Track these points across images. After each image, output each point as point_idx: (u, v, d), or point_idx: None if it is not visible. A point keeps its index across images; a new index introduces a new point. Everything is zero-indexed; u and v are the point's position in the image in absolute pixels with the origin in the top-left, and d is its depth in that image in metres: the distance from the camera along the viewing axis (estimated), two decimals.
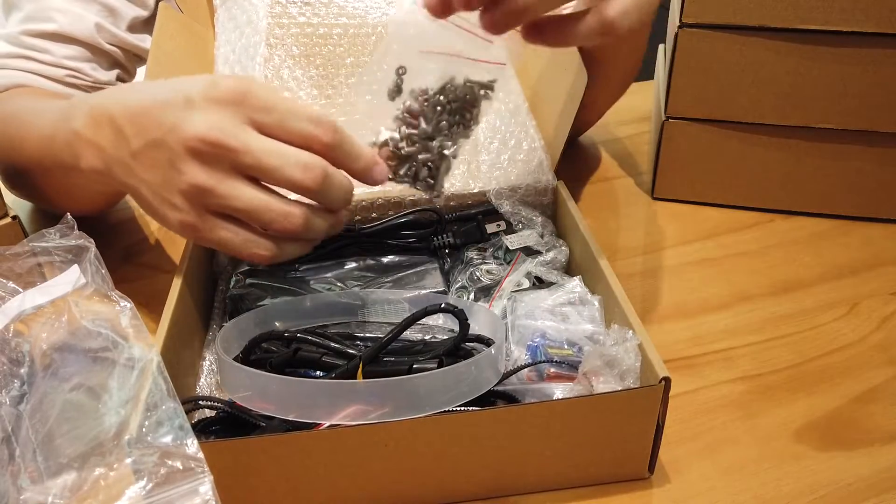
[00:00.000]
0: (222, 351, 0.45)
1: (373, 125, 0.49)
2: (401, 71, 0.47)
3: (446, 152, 0.48)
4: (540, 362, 0.47)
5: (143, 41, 0.71)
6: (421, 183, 0.48)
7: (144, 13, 0.71)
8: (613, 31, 0.43)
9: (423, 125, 0.47)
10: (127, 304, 0.43)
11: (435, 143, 0.47)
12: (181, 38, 0.64)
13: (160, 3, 0.66)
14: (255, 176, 0.43)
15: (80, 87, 0.67)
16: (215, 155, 0.41)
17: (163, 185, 0.43)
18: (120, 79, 0.71)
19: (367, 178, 0.46)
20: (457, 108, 0.47)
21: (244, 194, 0.42)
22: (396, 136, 0.47)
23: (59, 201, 0.50)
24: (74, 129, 0.47)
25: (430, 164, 0.47)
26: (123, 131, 0.44)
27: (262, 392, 0.42)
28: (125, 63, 0.71)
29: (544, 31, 0.45)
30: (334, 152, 0.44)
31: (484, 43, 0.47)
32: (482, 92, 0.48)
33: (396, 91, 0.48)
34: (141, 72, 0.75)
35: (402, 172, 0.48)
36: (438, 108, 0.47)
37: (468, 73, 0.47)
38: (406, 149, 0.47)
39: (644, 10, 0.44)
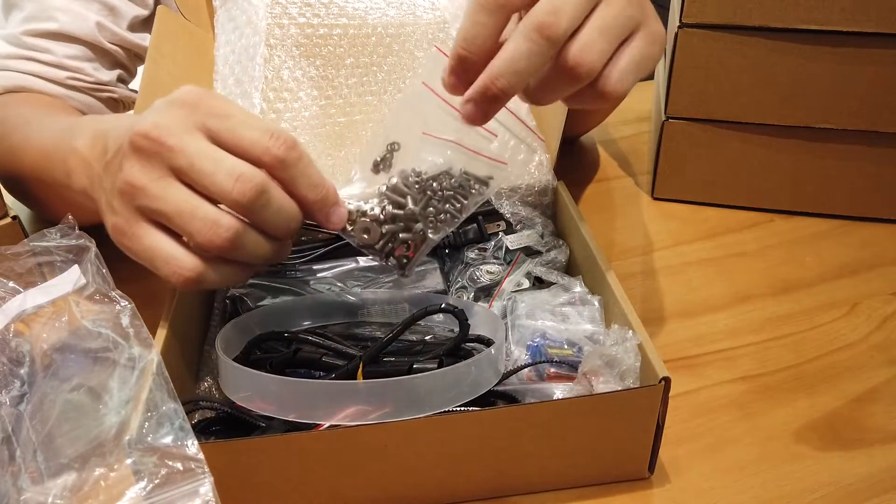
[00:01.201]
0: (222, 351, 0.45)
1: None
2: (394, 147, 0.46)
3: (431, 235, 0.46)
4: (540, 362, 0.47)
5: (143, 40, 0.71)
6: (394, 260, 0.47)
7: (145, 12, 0.71)
8: (611, 100, 0.42)
9: (411, 205, 0.45)
10: (127, 304, 0.43)
11: (418, 226, 0.46)
12: (180, 40, 0.64)
13: (158, 5, 0.66)
14: (187, 181, 0.39)
15: (82, 90, 0.67)
16: (154, 152, 0.39)
17: (111, 188, 0.41)
18: (121, 79, 0.71)
19: (320, 214, 0.42)
20: (448, 197, 0.46)
21: (172, 195, 0.39)
22: (377, 210, 0.46)
23: (55, 214, 0.50)
24: (73, 147, 0.46)
25: (408, 243, 0.46)
26: (108, 147, 0.43)
27: (262, 393, 0.42)
28: (126, 63, 0.71)
29: (536, 96, 0.43)
30: (286, 171, 0.40)
31: (489, 136, 0.47)
32: (476, 187, 0.47)
33: (384, 165, 0.47)
34: (141, 71, 0.75)
35: (377, 246, 0.46)
36: (429, 192, 0.46)
37: (466, 165, 0.47)
38: (387, 226, 0.46)
39: (644, 69, 0.42)
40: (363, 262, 0.54)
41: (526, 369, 0.47)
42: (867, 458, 0.47)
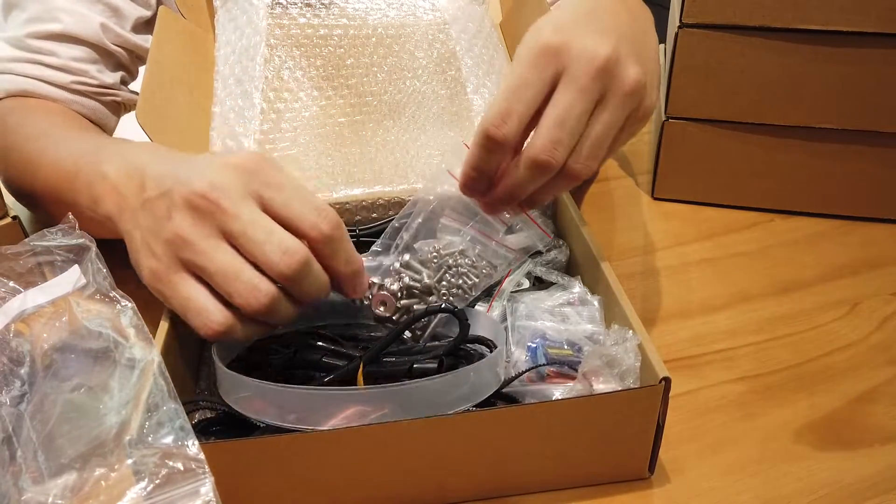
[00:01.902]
0: (217, 358, 0.45)
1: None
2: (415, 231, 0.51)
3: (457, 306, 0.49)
4: (540, 366, 0.47)
5: (146, 42, 0.71)
6: (408, 332, 0.50)
7: (148, 13, 0.71)
8: (581, 179, 0.45)
9: (426, 279, 0.49)
10: (128, 304, 0.43)
11: (432, 299, 0.50)
12: (181, 41, 0.64)
13: (160, 6, 0.66)
14: (236, 245, 0.41)
15: (86, 94, 0.67)
16: (209, 212, 0.41)
17: (152, 231, 0.43)
18: (123, 81, 0.71)
19: (347, 284, 0.45)
20: (462, 274, 0.50)
21: (220, 255, 0.41)
22: (395, 286, 0.50)
23: (58, 221, 0.50)
24: (104, 173, 0.47)
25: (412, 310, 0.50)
26: (146, 184, 0.44)
27: (260, 397, 0.42)
28: (128, 64, 0.71)
29: (536, 201, 0.48)
30: (329, 246, 0.43)
31: (501, 225, 0.53)
32: (487, 269, 0.51)
33: (403, 247, 0.51)
34: (142, 72, 0.75)
35: (393, 318, 0.50)
36: (445, 267, 0.50)
37: (481, 251, 0.51)
38: (403, 301, 0.50)
39: (629, 140, 0.47)
40: (363, 262, 0.54)
41: (526, 372, 0.47)
42: (867, 458, 0.47)
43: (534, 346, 0.48)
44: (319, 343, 0.47)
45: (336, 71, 0.65)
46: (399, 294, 0.50)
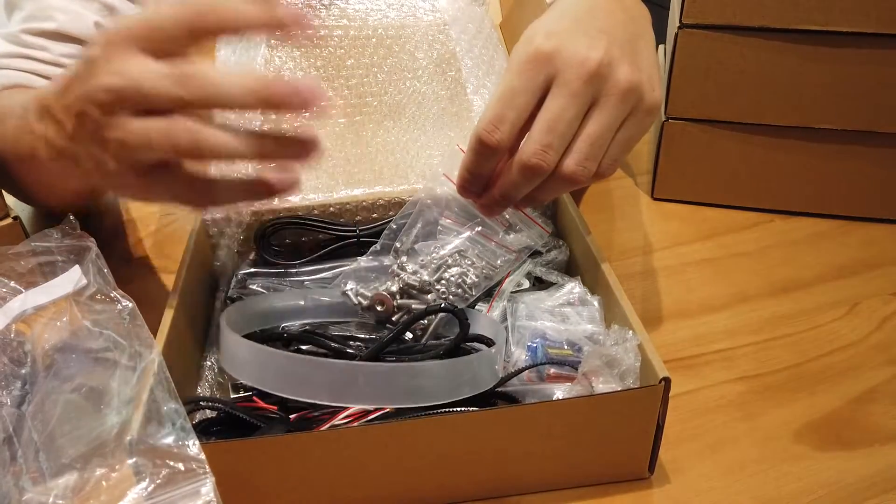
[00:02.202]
0: (226, 327, 0.44)
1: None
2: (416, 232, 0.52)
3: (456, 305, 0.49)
4: (540, 364, 0.47)
5: None
6: (409, 333, 0.50)
7: None
8: (580, 180, 0.45)
9: (425, 276, 0.50)
10: (128, 304, 0.44)
11: (430, 297, 0.50)
12: None
13: None
14: (135, 108, 0.39)
15: None
16: (117, 104, 0.39)
17: (86, 136, 0.40)
18: None
19: (263, 21, 0.39)
20: (461, 273, 0.51)
21: (130, 124, 0.39)
22: (394, 288, 0.51)
23: (39, 196, 0.49)
24: (31, 126, 0.45)
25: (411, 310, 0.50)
26: (58, 118, 0.42)
27: (264, 369, 0.42)
28: None
29: (534, 201, 0.48)
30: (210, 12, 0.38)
31: (500, 226, 0.53)
32: (485, 271, 0.51)
33: (403, 248, 0.52)
34: None
35: (393, 318, 0.51)
36: (443, 268, 0.50)
37: (481, 252, 0.52)
38: (401, 300, 0.50)
39: (634, 145, 0.46)
40: (364, 262, 0.55)
41: (526, 370, 0.47)
42: (867, 458, 0.47)
43: (534, 345, 0.48)
44: (319, 342, 0.47)
45: (336, 72, 0.65)
46: (398, 294, 0.50)
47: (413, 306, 0.50)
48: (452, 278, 0.50)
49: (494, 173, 0.46)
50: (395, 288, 0.50)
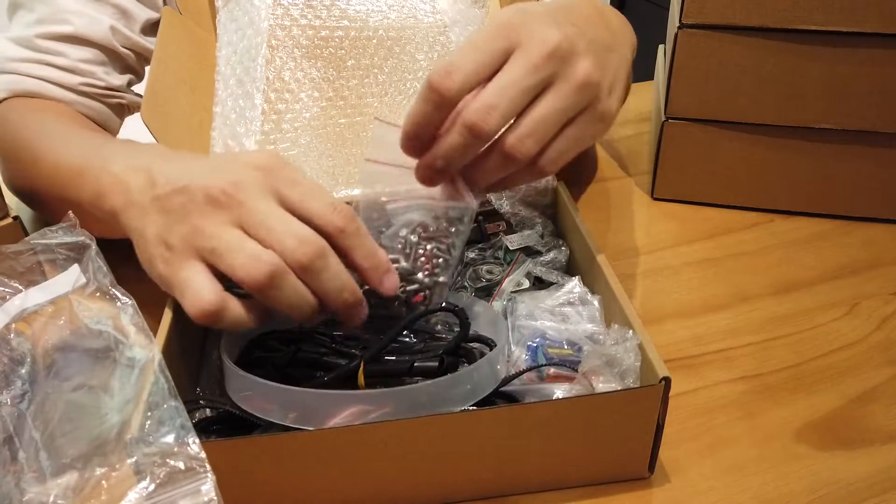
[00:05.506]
0: (226, 354, 0.45)
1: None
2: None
3: (441, 279, 0.48)
4: (541, 366, 0.47)
5: (153, 44, 0.71)
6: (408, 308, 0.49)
7: (156, 15, 0.71)
8: (546, 175, 0.45)
9: (403, 263, 0.48)
10: (128, 302, 0.43)
11: (420, 276, 0.48)
12: (184, 41, 0.64)
13: (164, 7, 0.66)
14: (255, 235, 0.41)
15: (92, 96, 0.67)
16: (228, 207, 0.41)
17: (166, 226, 0.43)
18: (130, 83, 0.71)
19: (374, 279, 0.44)
20: (431, 240, 0.49)
21: (229, 234, 0.41)
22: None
23: (59, 218, 0.50)
24: (109, 170, 0.47)
25: (424, 293, 0.49)
26: (156, 180, 0.44)
27: (263, 397, 0.42)
28: (136, 66, 0.71)
29: (477, 180, 0.47)
30: (345, 240, 0.43)
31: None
32: (453, 229, 0.49)
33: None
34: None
35: (396, 303, 0.48)
36: (411, 247, 0.48)
37: (436, 213, 0.49)
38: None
39: (582, 146, 0.46)
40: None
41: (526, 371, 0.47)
42: (867, 458, 0.47)
43: (534, 345, 0.48)
44: (320, 341, 0.47)
45: (337, 72, 0.65)
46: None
47: (408, 289, 0.48)
48: (428, 251, 0.48)
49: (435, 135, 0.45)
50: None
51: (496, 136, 0.44)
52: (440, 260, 0.49)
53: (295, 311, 0.42)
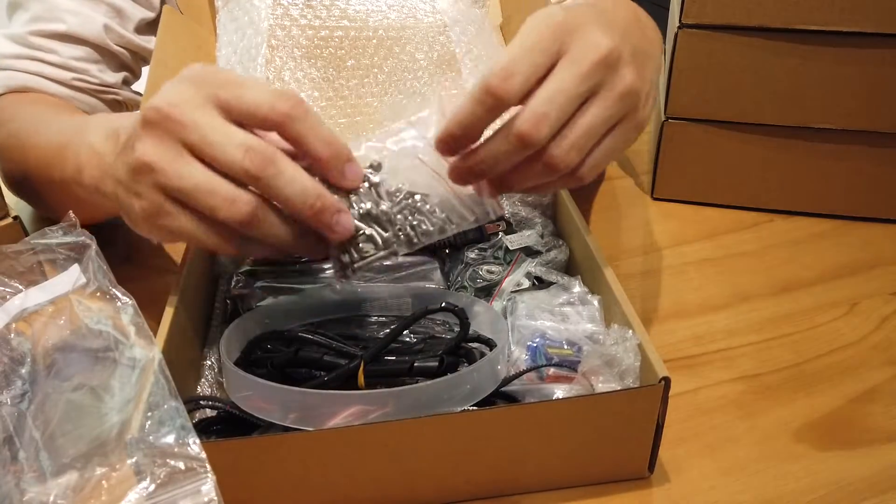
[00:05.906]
0: (226, 355, 0.45)
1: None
2: (375, 164, 0.46)
3: (398, 249, 0.45)
4: (541, 366, 0.47)
5: (149, 42, 0.71)
6: (346, 257, 0.45)
7: (151, 14, 0.71)
8: (581, 183, 0.44)
9: (384, 206, 0.45)
10: (128, 301, 0.43)
11: (387, 235, 0.45)
12: (184, 41, 0.64)
13: (164, 6, 0.66)
14: (200, 155, 0.40)
15: (86, 91, 0.67)
16: (165, 128, 0.40)
17: (126, 172, 0.41)
18: (125, 81, 0.72)
19: (334, 171, 0.42)
20: (415, 213, 0.46)
21: (190, 172, 0.39)
22: (366, 205, 0.45)
23: (58, 212, 0.50)
24: (87, 142, 0.46)
25: (374, 242, 0.45)
26: (120, 139, 0.43)
27: (264, 398, 0.42)
28: (131, 65, 0.72)
29: (513, 185, 0.45)
30: (294, 126, 0.40)
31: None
32: (445, 226, 0.46)
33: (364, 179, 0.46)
34: (146, 72, 0.75)
35: (351, 253, 0.45)
36: (403, 203, 0.45)
37: (443, 198, 0.46)
38: (358, 221, 0.44)
39: (618, 155, 0.45)
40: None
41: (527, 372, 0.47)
42: (867, 458, 0.47)
43: (534, 345, 0.48)
44: (321, 341, 0.47)
45: (337, 72, 0.65)
46: (358, 211, 0.45)
47: (366, 232, 0.45)
48: (410, 217, 0.46)
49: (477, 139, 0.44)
50: (367, 205, 0.45)
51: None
52: (412, 232, 0.46)
53: (279, 237, 0.41)
